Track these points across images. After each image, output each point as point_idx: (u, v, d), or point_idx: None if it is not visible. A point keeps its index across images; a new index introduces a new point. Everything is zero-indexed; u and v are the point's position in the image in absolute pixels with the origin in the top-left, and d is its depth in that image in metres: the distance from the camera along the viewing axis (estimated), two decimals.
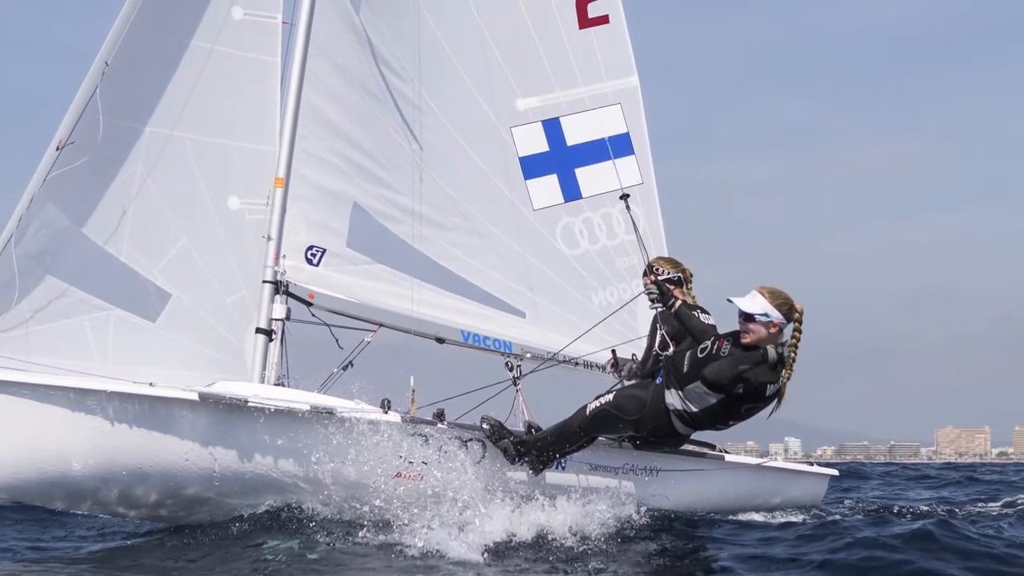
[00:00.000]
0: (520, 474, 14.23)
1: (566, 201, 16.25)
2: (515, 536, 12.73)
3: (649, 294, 14.47)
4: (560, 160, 16.25)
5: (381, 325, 15.79)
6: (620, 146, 16.31)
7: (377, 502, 13.53)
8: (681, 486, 14.83)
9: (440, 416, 14.31)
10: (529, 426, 14.68)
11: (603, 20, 16.33)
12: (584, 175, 16.25)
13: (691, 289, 14.46)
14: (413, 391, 14.92)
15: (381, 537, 12.73)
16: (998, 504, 17.23)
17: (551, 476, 14.30)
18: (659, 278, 14.37)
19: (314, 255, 15.59)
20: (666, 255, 15.36)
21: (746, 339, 13.32)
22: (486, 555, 12.06)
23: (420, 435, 14.02)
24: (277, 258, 15.34)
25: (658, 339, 14.36)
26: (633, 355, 15.28)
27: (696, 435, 14.43)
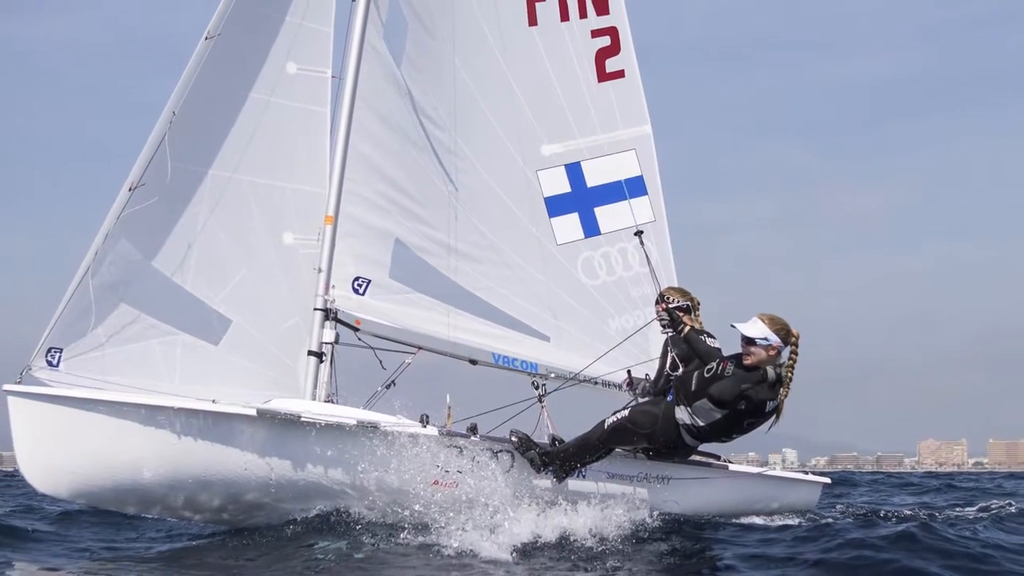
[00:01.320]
0: (545, 482, 14.26)
1: (586, 237, 16.25)
2: (540, 537, 12.80)
3: (661, 320, 14.51)
4: (581, 200, 16.25)
5: (420, 348, 15.83)
6: (635, 187, 16.29)
7: (417, 507, 13.58)
8: (689, 493, 14.83)
9: (473, 430, 14.39)
10: (553, 439, 14.71)
11: (619, 74, 16.36)
12: (602, 214, 16.26)
13: (698, 316, 14.44)
14: (449, 407, 14.88)
15: (420, 538, 12.82)
16: (974, 509, 17.05)
17: (573, 484, 14.32)
18: (670, 306, 14.37)
19: (360, 285, 15.68)
20: (676, 285, 15.41)
21: (748, 361, 13.37)
22: (514, 555, 12.15)
23: (455, 447, 14.10)
24: (327, 288, 15.43)
25: (669, 361, 14.44)
26: (647, 375, 15.30)
27: (703, 447, 14.39)
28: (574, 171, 16.29)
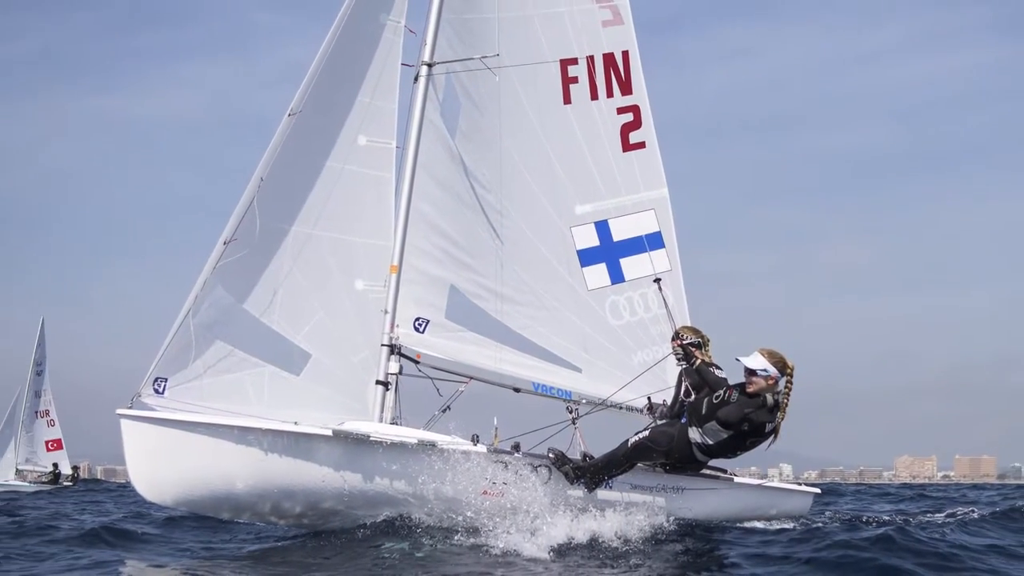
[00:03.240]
0: (577, 492, 14.36)
1: (612, 283, 16.29)
2: (574, 539, 12.91)
3: (676, 355, 14.65)
4: (608, 252, 16.31)
5: (471, 378, 15.87)
6: (654, 241, 16.41)
7: (469, 513, 13.71)
8: (700, 501, 14.88)
9: (516, 447, 14.56)
10: (584, 455, 14.82)
11: (641, 145, 16.48)
12: (627, 264, 16.35)
13: (708, 350, 14.52)
14: (496, 428, 15.05)
15: (471, 540, 12.96)
16: (942, 515, 17.08)
17: (601, 493, 14.41)
18: (684, 342, 14.53)
19: (420, 325, 15.79)
20: (689, 325, 15.47)
21: (750, 388, 13.52)
22: (551, 554, 12.31)
23: (501, 462, 14.23)
24: (392, 327, 15.56)
25: (683, 389, 14.54)
26: (664, 401, 15.32)
27: (712, 462, 14.45)
28: (602, 228, 16.38)
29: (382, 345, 15.58)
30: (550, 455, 14.60)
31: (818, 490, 16.76)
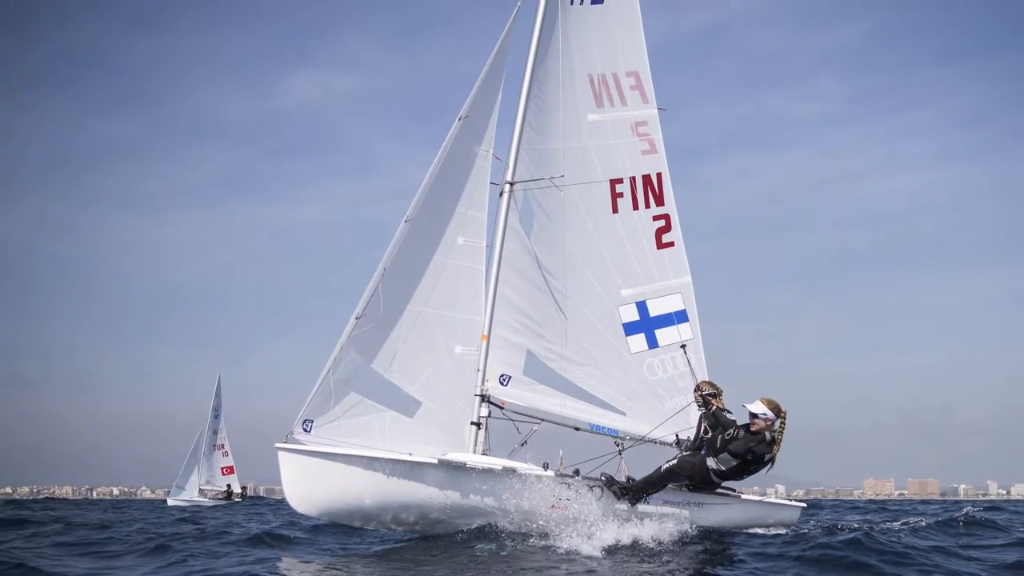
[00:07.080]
0: (623, 506, 14.55)
1: (649, 349, 16.28)
2: (620, 541, 13.15)
3: (697, 402, 14.93)
4: (646, 325, 16.28)
5: (543, 420, 15.86)
6: (680, 317, 16.37)
7: (540, 522, 13.92)
8: (716, 513, 14.95)
9: (577, 472, 14.80)
10: (628, 478, 15.02)
11: (671, 244, 16.58)
12: (660, 333, 16.30)
13: (722, 399, 14.69)
14: (561, 458, 15.22)
15: (543, 542, 13.20)
16: (898, 523, 17.19)
17: (641, 507, 14.59)
18: (703, 393, 14.76)
19: (504, 380, 15.86)
20: (707, 379, 15.55)
21: (753, 428, 13.89)
22: (603, 552, 12.56)
23: (565, 483, 14.42)
24: (483, 381, 15.70)
25: (702, 428, 14.69)
26: (688, 437, 15.38)
27: (724, 483, 14.64)
28: (642, 306, 16.39)
29: (475, 395, 15.73)
30: (602, 478, 14.78)
31: (804, 504, 16.80)
